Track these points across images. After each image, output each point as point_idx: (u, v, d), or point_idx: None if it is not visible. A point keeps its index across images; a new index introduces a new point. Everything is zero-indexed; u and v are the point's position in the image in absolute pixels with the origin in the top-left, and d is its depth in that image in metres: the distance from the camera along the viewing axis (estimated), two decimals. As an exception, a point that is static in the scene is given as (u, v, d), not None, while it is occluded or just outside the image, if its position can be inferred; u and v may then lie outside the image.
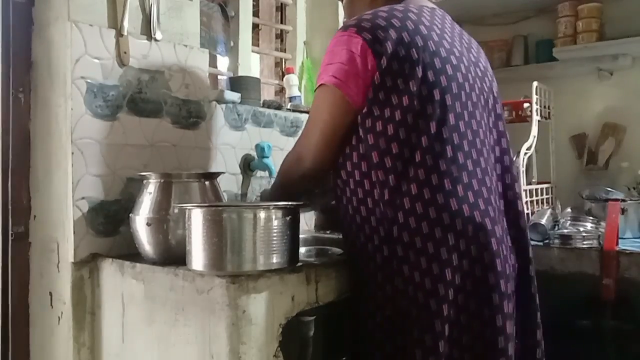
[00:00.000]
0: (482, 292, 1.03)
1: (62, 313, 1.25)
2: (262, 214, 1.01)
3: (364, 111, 1.05)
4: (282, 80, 2.04)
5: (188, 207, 1.04)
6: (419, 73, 1.03)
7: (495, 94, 1.21)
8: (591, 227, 1.75)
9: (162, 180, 1.17)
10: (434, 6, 1.19)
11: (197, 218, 1.02)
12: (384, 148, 1.04)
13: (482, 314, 1.04)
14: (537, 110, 2.02)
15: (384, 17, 1.07)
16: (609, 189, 1.95)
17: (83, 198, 1.23)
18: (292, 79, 1.94)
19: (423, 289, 1.01)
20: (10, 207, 1.29)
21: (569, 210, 1.92)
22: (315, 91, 1.15)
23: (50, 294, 1.28)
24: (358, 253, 1.10)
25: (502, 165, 1.17)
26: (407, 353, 1.02)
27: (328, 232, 1.67)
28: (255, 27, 1.98)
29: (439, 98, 1.04)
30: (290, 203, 1.09)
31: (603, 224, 1.69)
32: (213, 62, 1.81)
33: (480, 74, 1.16)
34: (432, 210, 1.01)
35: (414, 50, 1.04)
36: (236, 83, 1.70)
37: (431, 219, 1.01)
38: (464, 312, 1.03)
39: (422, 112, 1.03)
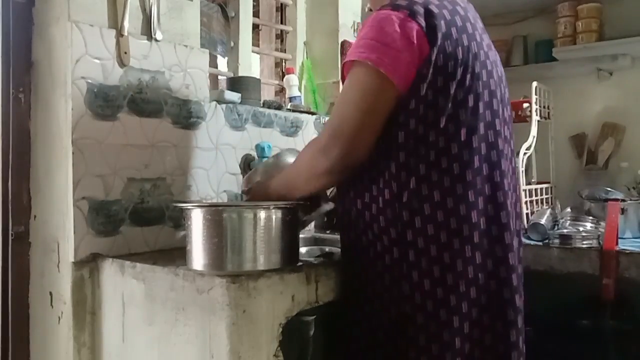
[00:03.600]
0: (497, 307, 1.02)
1: (62, 313, 1.25)
2: (262, 214, 1.01)
3: (401, 103, 0.97)
4: (282, 80, 2.04)
5: (188, 207, 1.04)
6: (459, 75, 0.98)
7: (507, 98, 1.16)
8: (591, 227, 1.75)
9: None
10: (468, 1, 1.13)
11: (197, 218, 1.02)
12: (412, 148, 0.98)
13: (496, 329, 1.02)
14: (536, 111, 2.02)
15: (436, 5, 0.99)
16: (609, 189, 1.95)
17: (83, 198, 1.23)
18: (292, 79, 1.95)
19: (434, 297, 0.99)
20: (10, 207, 1.29)
21: (568, 210, 1.91)
22: (353, 67, 1.01)
23: (51, 293, 1.28)
24: (363, 250, 1.06)
25: (514, 175, 1.14)
26: (410, 358, 1.00)
27: (328, 232, 1.67)
28: (255, 27, 1.99)
29: (472, 104, 1.00)
30: (290, 203, 1.09)
31: (603, 224, 1.69)
32: (213, 62, 1.82)
33: (499, 76, 1.11)
34: (454, 221, 0.98)
35: (460, 49, 0.98)
36: (236, 83, 1.70)
37: (451, 229, 0.98)
38: (477, 326, 1.01)
39: (454, 116, 0.98)
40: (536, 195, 2.03)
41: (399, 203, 1.00)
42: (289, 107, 1.85)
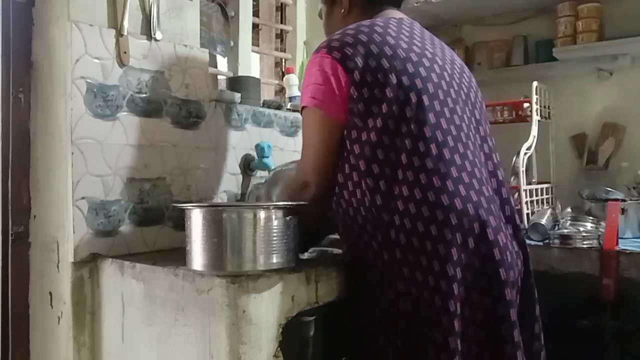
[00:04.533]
0: (482, 283, 1.05)
1: (62, 313, 1.25)
2: (262, 214, 1.01)
3: (348, 124, 1.09)
4: (282, 80, 2.04)
5: (188, 207, 1.04)
6: (393, 79, 1.07)
7: (476, 89, 1.24)
8: (591, 227, 1.75)
9: None
10: (402, 16, 1.25)
11: (197, 218, 1.02)
12: (370, 155, 1.06)
13: (484, 304, 1.05)
14: (537, 110, 2.02)
15: (351, 35, 1.12)
16: (609, 189, 1.95)
17: (83, 198, 1.23)
18: (292, 78, 1.95)
19: (427, 287, 1.02)
20: (10, 207, 1.29)
21: (569, 210, 1.91)
22: (301, 114, 1.19)
23: (50, 294, 1.28)
24: (360, 259, 1.11)
25: (492, 162, 1.19)
26: (415, 354, 1.02)
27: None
28: (255, 27, 1.99)
29: (416, 100, 1.07)
30: (290, 203, 1.09)
31: (603, 224, 1.69)
32: (213, 62, 1.81)
33: (458, 70, 1.20)
34: (425, 209, 1.02)
35: (384, 59, 1.08)
36: (236, 83, 1.70)
37: (425, 217, 1.02)
38: (467, 305, 1.04)
39: (402, 116, 1.06)
40: (536, 195, 2.03)
41: (375, 207, 1.06)
42: (289, 106, 1.85)
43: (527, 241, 1.67)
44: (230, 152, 1.58)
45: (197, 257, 1.01)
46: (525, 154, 1.93)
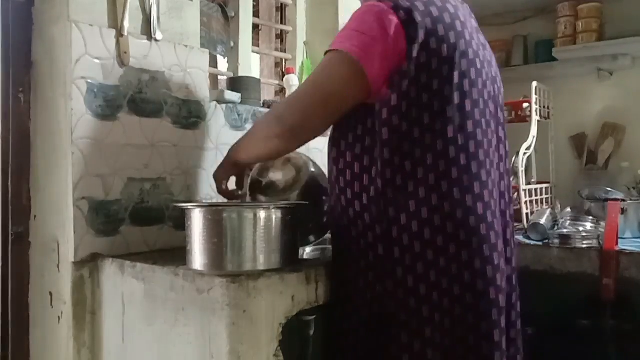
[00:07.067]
0: (482, 307, 1.00)
1: (62, 313, 1.25)
2: (262, 214, 1.01)
3: (381, 98, 0.98)
4: (282, 80, 2.04)
5: (188, 207, 1.04)
6: (445, 71, 0.97)
7: (501, 98, 1.16)
8: (591, 227, 1.75)
9: None
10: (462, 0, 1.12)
11: (197, 218, 1.02)
12: (396, 145, 0.98)
13: (480, 329, 1.00)
14: (536, 110, 2.02)
15: (423, 2, 0.99)
16: (609, 189, 1.95)
17: (83, 198, 1.23)
18: (292, 79, 1.95)
19: (416, 294, 0.99)
20: (10, 207, 1.29)
21: (568, 210, 1.91)
22: (327, 54, 1.03)
23: (51, 293, 1.28)
24: (347, 248, 1.06)
25: (499, 173, 1.13)
26: (392, 356, 1.01)
27: (328, 232, 1.67)
28: (255, 27, 1.98)
29: (458, 102, 0.99)
30: (290, 203, 1.09)
31: (603, 223, 1.69)
32: (213, 62, 1.81)
33: (492, 75, 1.11)
34: (437, 218, 0.98)
35: (445, 46, 0.97)
36: (236, 83, 1.70)
37: (435, 225, 0.98)
38: (460, 325, 0.99)
39: (441, 114, 0.98)
40: (536, 195, 2.03)
41: (385, 200, 1.00)
42: (289, 107, 1.85)
43: (527, 241, 1.69)
44: (230, 152, 1.57)
45: (198, 257, 1.01)
46: (525, 154, 1.93)
